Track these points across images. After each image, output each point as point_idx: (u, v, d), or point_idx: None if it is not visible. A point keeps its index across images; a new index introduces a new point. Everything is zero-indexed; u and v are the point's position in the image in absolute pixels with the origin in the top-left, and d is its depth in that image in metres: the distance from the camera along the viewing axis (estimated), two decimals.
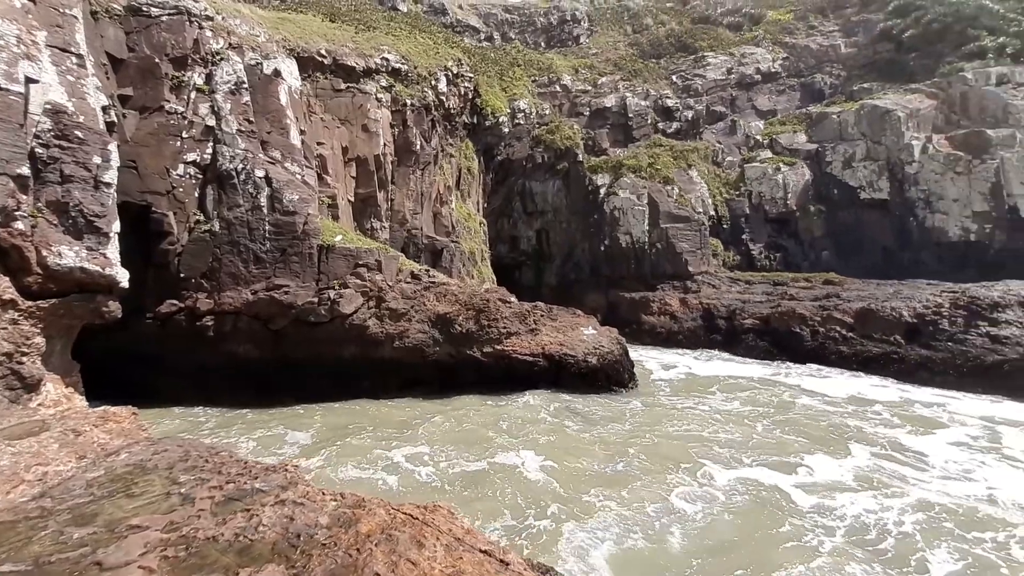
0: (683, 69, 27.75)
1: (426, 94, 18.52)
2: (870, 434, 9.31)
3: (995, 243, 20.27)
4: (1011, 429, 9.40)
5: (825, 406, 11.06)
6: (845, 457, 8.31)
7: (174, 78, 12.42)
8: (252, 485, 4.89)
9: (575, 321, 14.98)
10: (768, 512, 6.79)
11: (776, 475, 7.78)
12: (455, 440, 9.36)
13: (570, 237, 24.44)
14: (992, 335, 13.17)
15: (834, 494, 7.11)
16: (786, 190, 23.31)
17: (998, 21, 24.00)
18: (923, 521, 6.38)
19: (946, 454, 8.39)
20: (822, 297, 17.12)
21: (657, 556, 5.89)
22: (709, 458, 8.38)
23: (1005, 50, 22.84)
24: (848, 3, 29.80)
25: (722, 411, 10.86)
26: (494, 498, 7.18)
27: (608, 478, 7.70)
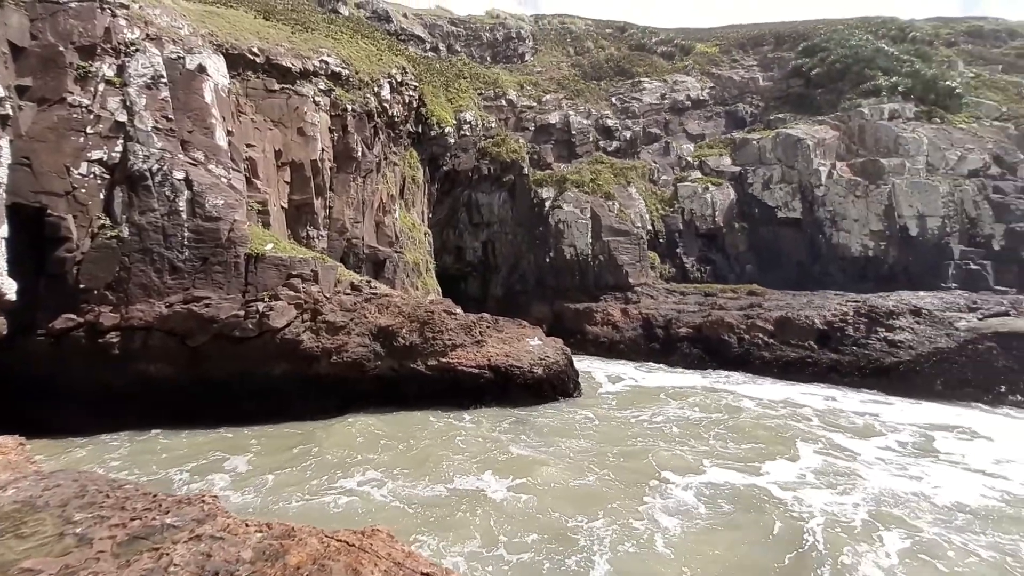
0: (622, 92, 29.24)
1: (368, 100, 18.05)
2: (812, 435, 9.86)
3: (889, 258, 22.94)
4: (940, 431, 10.27)
5: (765, 410, 11.60)
6: (796, 459, 8.77)
7: (80, 68, 11.22)
8: (162, 521, 4.34)
9: (521, 332, 14.97)
10: (748, 512, 7.07)
11: (742, 477, 8.08)
12: (409, 461, 8.91)
13: (516, 248, 24.67)
14: (888, 340, 14.78)
15: (800, 490, 7.59)
16: (714, 208, 25.06)
17: (892, 63, 27.54)
18: (876, 510, 7.05)
19: (880, 452, 9.11)
20: (747, 307, 18.42)
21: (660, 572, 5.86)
22: (672, 467, 8.44)
23: (897, 88, 26.20)
24: (765, 41, 32.97)
25: (672, 420, 11.07)
26: (465, 525, 6.80)
27: (580, 497, 7.50)
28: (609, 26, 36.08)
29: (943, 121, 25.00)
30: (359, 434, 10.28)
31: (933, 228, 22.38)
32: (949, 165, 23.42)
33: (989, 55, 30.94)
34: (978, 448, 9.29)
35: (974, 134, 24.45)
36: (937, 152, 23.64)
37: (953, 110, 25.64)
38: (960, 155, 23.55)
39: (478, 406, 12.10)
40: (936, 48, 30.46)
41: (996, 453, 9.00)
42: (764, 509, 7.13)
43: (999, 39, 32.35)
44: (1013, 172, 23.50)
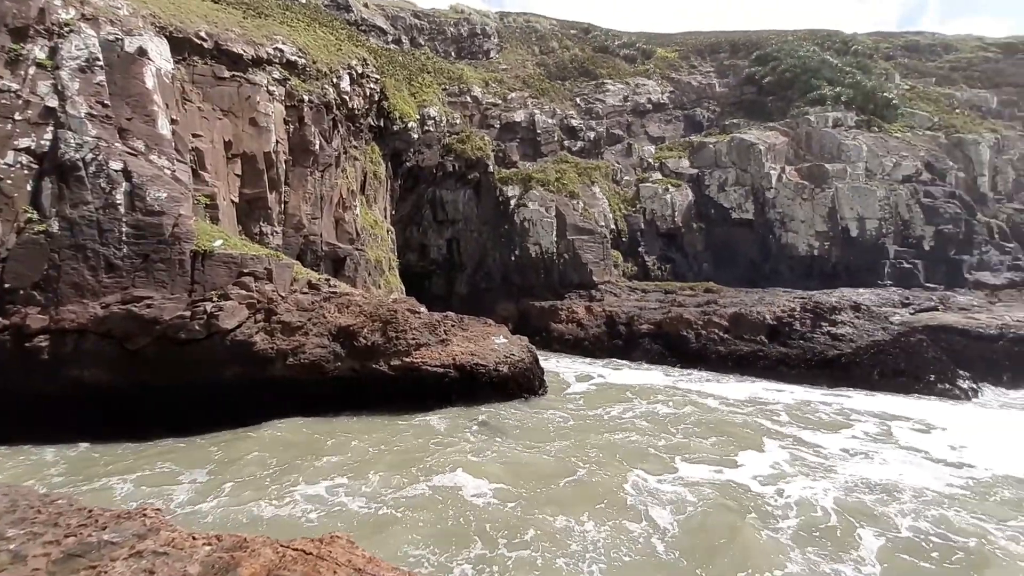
0: (586, 93, 29.67)
1: (327, 91, 17.43)
2: (779, 431, 10.10)
3: (832, 257, 24.44)
4: (897, 422, 10.73)
5: (730, 407, 11.81)
6: (766, 454, 8.98)
7: (11, 51, 10.32)
8: (99, 537, 4.04)
9: (486, 330, 14.89)
10: (730, 505, 7.22)
11: (719, 472, 8.22)
12: (378, 465, 8.57)
13: (481, 246, 24.58)
14: (832, 333, 15.73)
15: (777, 482, 7.81)
16: (673, 208, 25.86)
17: (836, 74, 29.24)
18: (846, 498, 7.37)
19: (845, 444, 9.46)
20: (704, 304, 19.11)
21: (657, 569, 5.83)
22: (647, 465, 8.43)
23: (840, 98, 27.86)
24: (721, 49, 34.28)
25: (641, 418, 11.11)
26: (453, 529, 6.62)
27: (563, 497, 7.38)
28: (573, 27, 36.48)
29: (881, 130, 26.83)
30: (322, 438, 9.90)
31: (871, 229, 24.02)
32: (886, 171, 25.18)
33: (924, 68, 33.46)
34: (934, 437, 9.82)
35: (908, 142, 26.39)
36: (875, 159, 25.36)
37: (890, 119, 27.56)
38: (895, 162, 25.36)
39: (444, 406, 11.91)
40: (876, 61, 32.64)
41: (950, 440, 9.57)
42: (742, 502, 7.36)
43: (934, 53, 35.02)
44: (942, 178, 25.54)
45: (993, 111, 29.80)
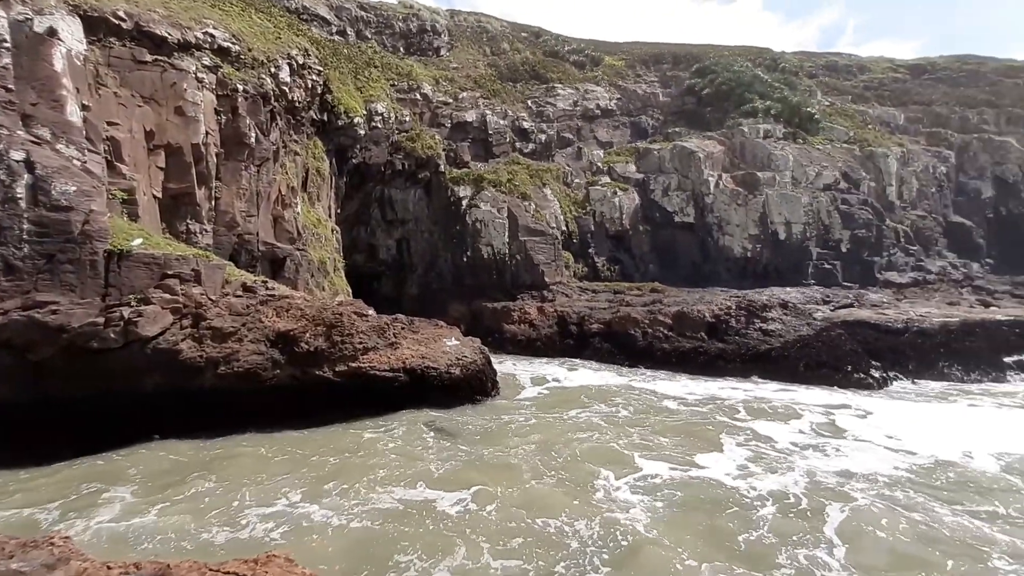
0: (537, 96, 30.03)
1: (264, 81, 16.43)
2: (736, 426, 10.47)
3: (763, 258, 26.26)
4: (842, 413, 11.41)
5: (688, 406, 12.03)
6: (728, 448, 9.24)
7: None
8: (5, 567, 3.72)
9: (437, 332, 14.64)
10: (706, 495, 7.38)
11: (688, 467, 8.33)
12: (339, 478, 8.07)
13: (432, 247, 24.20)
14: (763, 329, 16.87)
15: (744, 473, 8.10)
16: (622, 211, 26.74)
17: (766, 88, 31.43)
18: (810, 484, 7.81)
19: (798, 436, 9.95)
20: (650, 303, 19.88)
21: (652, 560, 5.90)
22: (615, 465, 8.43)
23: (770, 111, 29.97)
24: (664, 60, 35.90)
25: (601, 418, 11.09)
26: (435, 539, 6.37)
27: (537, 502, 7.22)
28: (524, 30, 36.83)
29: (805, 142, 29.16)
30: (267, 452, 9.28)
31: (797, 233, 26.05)
32: (809, 180, 27.41)
33: (841, 87, 36.73)
34: (873, 427, 10.54)
35: (828, 154, 28.87)
36: (800, 168, 27.53)
37: (812, 132, 30.02)
38: (817, 171, 27.66)
39: (395, 411, 11.55)
40: (800, 78, 35.44)
41: (886, 429, 10.33)
42: (716, 491, 7.64)
43: (851, 73, 38.53)
44: (857, 187, 28.16)
45: (900, 127, 33.26)
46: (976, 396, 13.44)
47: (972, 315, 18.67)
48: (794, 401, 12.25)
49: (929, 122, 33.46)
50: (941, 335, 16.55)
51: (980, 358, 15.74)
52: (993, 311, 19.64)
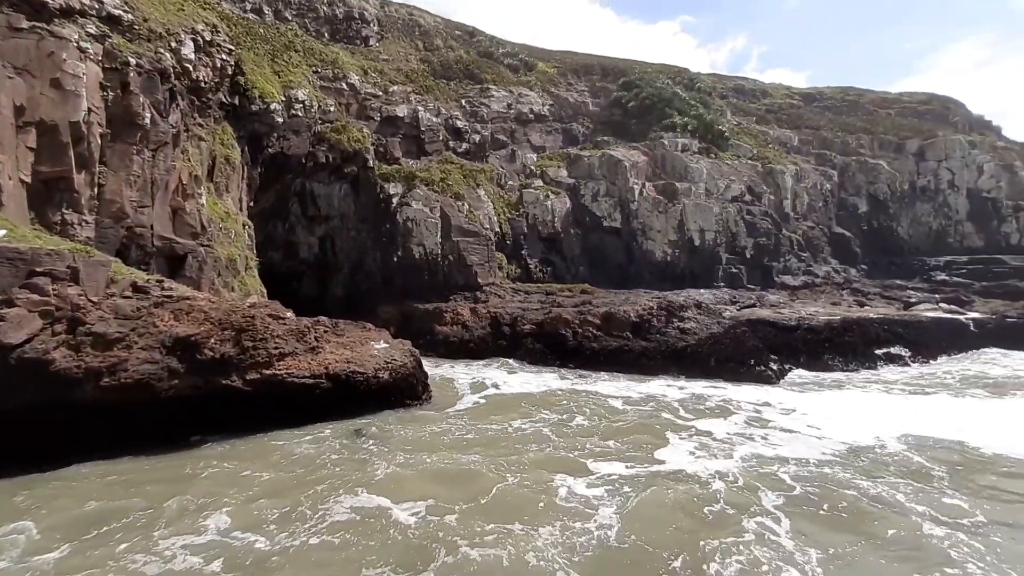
0: (471, 96, 29.86)
1: (162, 57, 14.59)
2: (678, 424, 10.95)
3: (681, 262, 28.26)
4: (768, 408, 12.29)
5: (632, 405, 12.29)
6: (672, 443, 9.66)
7: None
8: None
9: (365, 335, 13.93)
10: (669, 488, 7.74)
11: (640, 464, 8.63)
12: (274, 497, 7.32)
13: (360, 246, 23.04)
14: (681, 328, 18.05)
15: (692, 465, 8.59)
16: (554, 215, 27.37)
17: (684, 105, 33.88)
18: (753, 468, 8.55)
19: (733, 429, 10.71)
20: (580, 304, 20.48)
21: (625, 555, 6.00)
22: (570, 469, 8.39)
23: (687, 127, 32.34)
24: (594, 71, 37.43)
25: (547, 423, 10.90)
26: (402, 550, 6.02)
27: (496, 510, 7.05)
28: (459, 28, 36.50)
29: (716, 156, 31.85)
30: (176, 471, 8.26)
31: (709, 240, 28.36)
32: (720, 191, 29.97)
33: (747, 108, 40.65)
34: (794, 418, 11.56)
35: (736, 168, 31.77)
36: (713, 181, 30.02)
37: (723, 148, 32.89)
38: (727, 184, 30.34)
39: (320, 420, 10.75)
40: (713, 98, 38.71)
41: (807, 420, 11.34)
42: (675, 480, 8.08)
43: (755, 97, 42.76)
44: (759, 200, 31.27)
45: (795, 147, 37.51)
46: (860, 383, 15.33)
47: (851, 313, 21.43)
48: (725, 398, 13.12)
49: (817, 144, 38.11)
50: (826, 331, 18.74)
51: (856, 350, 18.03)
52: (867, 310, 22.70)
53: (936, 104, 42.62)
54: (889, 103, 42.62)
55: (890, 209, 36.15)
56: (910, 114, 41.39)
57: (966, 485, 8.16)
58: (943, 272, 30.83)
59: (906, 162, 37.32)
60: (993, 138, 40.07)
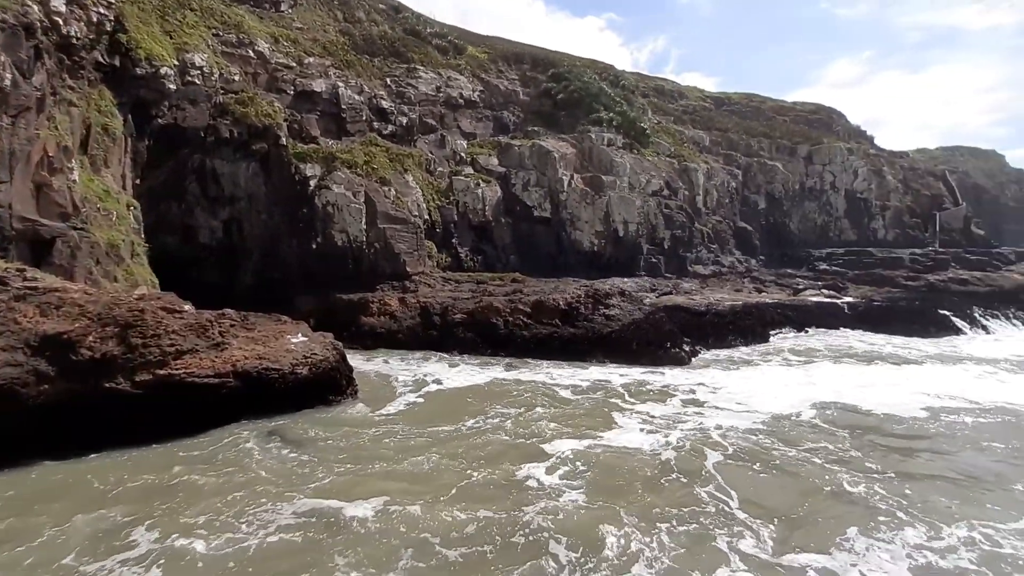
0: (397, 75, 28.39)
1: (28, 10, 12.15)
2: (624, 406, 11.39)
3: (607, 252, 29.46)
4: (700, 388, 13.15)
5: (580, 393, 12.57)
6: (621, 423, 10.07)
7: None
8: None
9: (279, 328, 12.84)
10: (625, 463, 8.25)
11: (596, 443, 9.03)
12: (199, 506, 6.68)
13: (273, 231, 21.10)
14: (606, 315, 18.78)
15: (643, 441, 9.27)
16: (484, 203, 27.10)
17: (610, 101, 35.01)
18: (695, 441, 9.34)
19: (673, 409, 11.42)
20: (511, 293, 20.54)
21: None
22: (529, 457, 8.41)
23: (612, 122, 33.51)
24: (524, 60, 37.40)
25: (497, 416, 10.70)
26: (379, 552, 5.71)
27: (462, 500, 6.94)
28: (383, 1, 34.53)
29: (638, 152, 33.45)
30: (70, 488, 7.24)
31: (632, 231, 29.85)
32: (642, 185, 31.57)
33: (666, 108, 43.06)
34: (722, 396, 12.41)
35: (655, 164, 33.62)
36: (635, 175, 31.52)
37: (644, 145, 34.61)
38: (648, 179, 32.03)
39: (230, 423, 9.80)
40: (636, 96, 40.50)
41: (734, 398, 12.13)
42: (629, 456, 8.65)
43: (673, 97, 45.37)
44: (675, 194, 33.41)
45: (706, 147, 40.49)
46: (760, 359, 17.23)
47: (751, 299, 23.74)
48: (662, 381, 13.95)
49: (725, 145, 41.49)
50: (730, 315, 20.67)
51: (754, 331, 20.12)
52: (764, 296, 25.29)
53: (823, 114, 48.27)
54: (785, 111, 47.49)
55: (784, 206, 40.54)
56: (802, 122, 46.48)
57: (868, 443, 9.36)
58: (825, 262, 35.25)
59: (797, 165, 41.95)
60: (867, 146, 46.35)
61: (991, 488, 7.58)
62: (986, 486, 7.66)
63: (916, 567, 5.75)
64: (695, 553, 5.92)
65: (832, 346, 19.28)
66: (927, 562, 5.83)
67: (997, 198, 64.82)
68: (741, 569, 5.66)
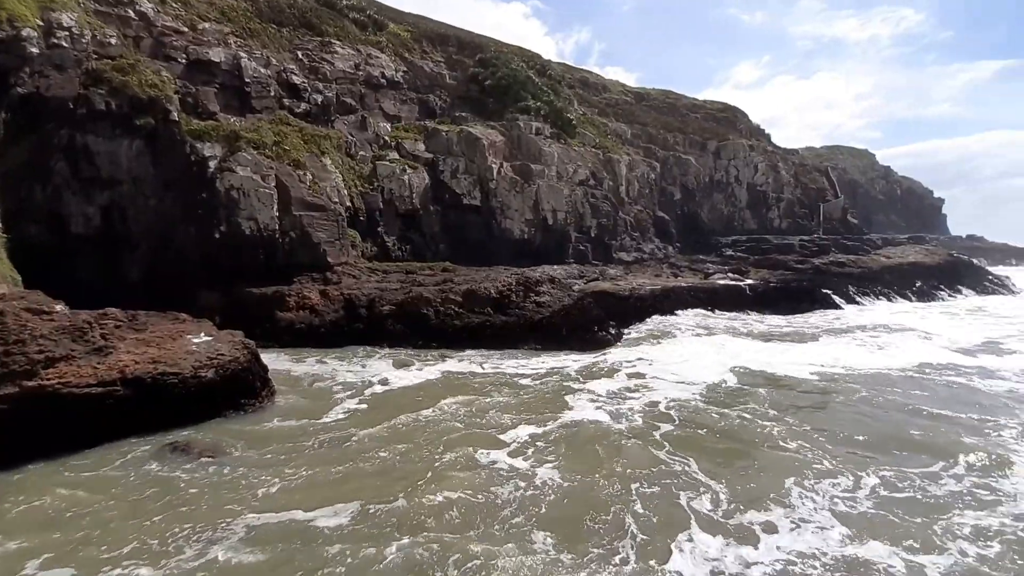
0: (310, 48, 26.09)
1: None
2: (575, 388, 11.88)
3: (537, 240, 29.77)
4: (639, 363, 13.93)
5: (538, 381, 12.74)
6: (575, 406, 10.60)
7: None
8: None
9: (177, 328, 11.48)
10: (587, 435, 8.87)
11: (554, 421, 9.55)
12: (118, 531, 5.84)
13: (164, 218, 18.57)
14: (537, 302, 18.95)
15: (597, 413, 9.95)
16: (412, 190, 26.05)
17: (537, 90, 35.10)
18: (643, 413, 10.11)
19: (620, 385, 12.09)
20: (441, 282, 19.99)
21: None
22: (496, 445, 8.47)
23: (540, 111, 33.67)
24: (450, 43, 36.26)
25: (451, 412, 10.29)
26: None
27: (436, 491, 6.85)
28: None
29: (566, 142, 34.06)
30: None
31: (561, 220, 30.42)
32: (569, 175, 32.21)
33: (591, 100, 44.18)
34: (658, 369, 13.36)
35: (582, 155, 34.44)
36: (563, 164, 32.06)
37: (571, 135, 35.29)
38: (575, 169, 32.74)
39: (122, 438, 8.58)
40: (562, 87, 41.09)
41: (669, 371, 13.06)
42: (590, 428, 9.29)
43: (597, 90, 46.64)
44: (600, 185, 34.53)
45: (628, 140, 42.26)
46: (673, 334, 18.86)
47: (668, 283, 25.29)
48: (608, 362, 14.68)
49: (645, 139, 43.63)
50: (651, 299, 22.00)
51: (670, 312, 21.68)
52: (680, 280, 27.07)
53: (729, 112, 52.44)
54: (697, 108, 50.92)
55: (696, 197, 43.73)
56: (711, 119, 50.16)
57: (784, 403, 10.50)
58: (730, 248, 38.61)
59: (707, 159, 45.35)
60: (765, 144, 51.22)
61: (885, 437, 8.74)
62: (879, 435, 8.83)
63: (840, 513, 6.44)
64: (666, 513, 6.43)
65: (738, 322, 21.47)
66: (849, 508, 6.54)
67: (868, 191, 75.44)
68: (705, 511, 6.46)
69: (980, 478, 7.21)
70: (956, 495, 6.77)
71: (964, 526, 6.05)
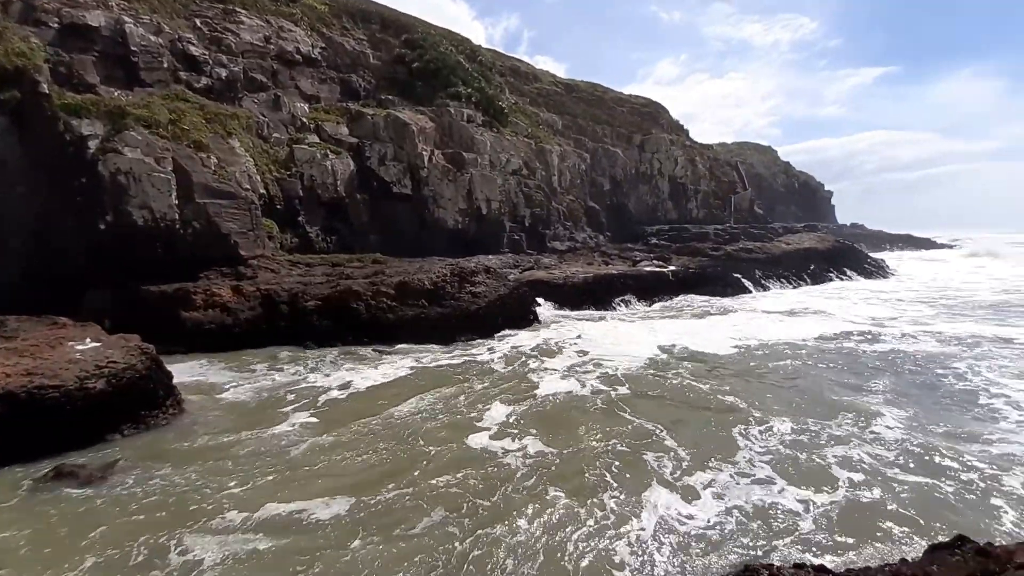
0: (210, 17, 23.40)
1: None
2: (535, 367, 12.55)
3: (471, 230, 29.44)
4: (580, 342, 14.81)
5: (508, 368, 13.03)
6: (539, 383, 11.22)
7: None
8: None
9: (56, 334, 10.09)
10: (556, 406, 9.69)
11: (532, 403, 9.90)
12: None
13: (37, 209, 15.91)
14: (472, 292, 18.79)
15: (562, 387, 10.78)
16: (335, 177, 24.52)
17: (468, 76, 34.34)
18: (596, 384, 11.02)
19: (573, 361, 12.97)
20: (372, 275, 19.10)
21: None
22: (476, 429, 8.71)
23: (471, 98, 33.02)
24: (373, 20, 34.29)
25: (414, 405, 9.98)
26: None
27: (426, 480, 6.92)
28: None
29: (498, 131, 33.83)
30: None
31: (495, 209, 30.29)
32: (502, 164, 32.09)
33: (522, 89, 44.14)
34: (599, 347, 14.24)
35: (514, 144, 34.42)
36: (496, 153, 31.85)
37: (503, 124, 35.09)
38: (507, 158, 32.67)
39: None
40: (493, 74, 40.62)
41: (614, 347, 14.15)
42: (556, 400, 10.08)
43: (528, 80, 46.66)
44: (533, 175, 34.81)
45: (559, 131, 42.88)
46: (608, 318, 19.88)
47: (600, 271, 26.25)
48: (552, 341, 15.59)
49: (575, 131, 44.56)
50: (583, 286, 22.78)
51: (602, 298, 22.67)
52: (610, 268, 28.19)
53: (652, 108, 55.04)
54: (623, 102, 52.87)
55: (624, 188, 45.68)
56: (636, 114, 52.37)
57: (708, 375, 11.70)
58: (655, 237, 40.91)
59: (633, 152, 47.43)
60: (684, 138, 54.47)
61: (803, 394, 10.29)
62: (798, 393, 10.34)
63: (777, 460, 7.44)
64: (635, 473, 7.05)
65: (663, 304, 23.45)
66: (786, 454, 7.64)
67: (771, 184, 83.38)
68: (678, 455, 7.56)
69: (855, 424, 8.80)
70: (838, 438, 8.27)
71: (841, 458, 7.47)
